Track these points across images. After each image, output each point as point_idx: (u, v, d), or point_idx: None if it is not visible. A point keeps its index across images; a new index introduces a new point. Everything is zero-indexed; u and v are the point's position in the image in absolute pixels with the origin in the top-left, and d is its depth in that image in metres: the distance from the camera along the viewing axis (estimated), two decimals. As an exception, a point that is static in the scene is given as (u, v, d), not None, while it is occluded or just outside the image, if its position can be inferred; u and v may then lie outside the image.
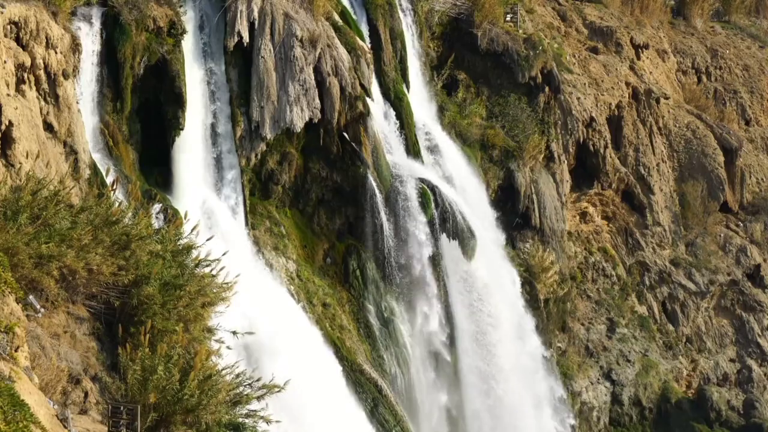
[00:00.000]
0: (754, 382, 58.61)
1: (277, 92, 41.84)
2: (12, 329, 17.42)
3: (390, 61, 47.69)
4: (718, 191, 62.26)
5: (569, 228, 55.62)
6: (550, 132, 53.62)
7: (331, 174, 44.09)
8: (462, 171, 49.40)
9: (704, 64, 69.56)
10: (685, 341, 58.76)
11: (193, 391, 19.82)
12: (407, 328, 44.99)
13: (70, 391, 19.89)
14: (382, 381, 42.36)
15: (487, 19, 52.98)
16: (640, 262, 58.78)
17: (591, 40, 62.34)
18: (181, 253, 23.79)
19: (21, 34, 32.45)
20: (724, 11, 76.40)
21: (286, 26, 42.21)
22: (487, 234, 48.17)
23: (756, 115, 69.66)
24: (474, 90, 53.44)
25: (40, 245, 20.68)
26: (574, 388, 52.93)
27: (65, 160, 33.58)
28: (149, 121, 39.37)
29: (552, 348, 52.27)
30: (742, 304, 60.79)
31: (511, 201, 51.47)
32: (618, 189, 58.56)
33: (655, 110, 61.33)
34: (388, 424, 41.61)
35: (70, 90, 34.64)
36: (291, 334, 38.22)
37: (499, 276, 49.07)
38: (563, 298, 53.76)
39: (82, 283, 21.69)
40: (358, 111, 43.69)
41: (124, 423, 18.99)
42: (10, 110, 30.51)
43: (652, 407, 55.47)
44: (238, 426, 21.14)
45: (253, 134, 41.78)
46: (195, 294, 22.45)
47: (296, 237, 43.69)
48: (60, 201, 22.33)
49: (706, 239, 61.26)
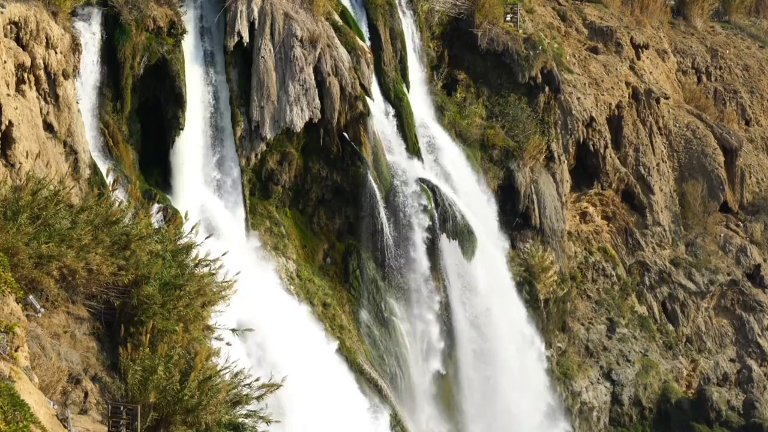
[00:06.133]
0: (754, 382, 58.58)
1: (277, 92, 41.84)
2: (12, 329, 17.42)
3: (390, 61, 47.69)
4: (718, 191, 62.25)
5: (569, 228, 55.61)
6: (550, 132, 53.62)
7: (331, 174, 44.08)
8: (462, 171, 49.38)
9: (704, 64, 69.55)
10: (685, 341, 58.74)
11: (193, 392, 19.82)
12: (407, 328, 44.99)
13: (70, 391, 19.88)
14: (382, 381, 42.37)
15: (487, 19, 52.98)
16: (640, 262, 58.77)
17: (591, 40, 62.33)
18: (180, 252, 23.78)
19: (21, 34, 32.45)
20: (724, 11, 76.38)
21: (286, 26, 42.21)
22: (486, 234, 48.15)
23: (756, 115, 69.64)
24: (474, 90, 53.43)
25: (40, 245, 20.67)
26: (574, 388, 52.91)
27: (65, 160, 33.57)
28: (149, 121, 39.37)
29: (552, 348, 52.27)
30: (742, 304, 60.76)
31: (511, 201, 51.46)
32: (618, 189, 58.55)
33: (655, 110, 61.32)
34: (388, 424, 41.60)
35: (70, 90, 34.62)
36: (291, 332, 38.25)
37: (499, 276, 49.06)
38: (563, 298, 53.74)
39: (82, 283, 21.67)
40: (358, 111, 43.69)
41: (124, 423, 18.98)
42: (10, 110, 30.50)
43: (652, 407, 55.44)
44: (238, 426, 21.14)
45: (253, 134, 41.78)
46: (195, 294, 22.43)
47: (296, 237, 43.69)
48: (60, 201, 22.32)
49: (706, 239, 61.25)
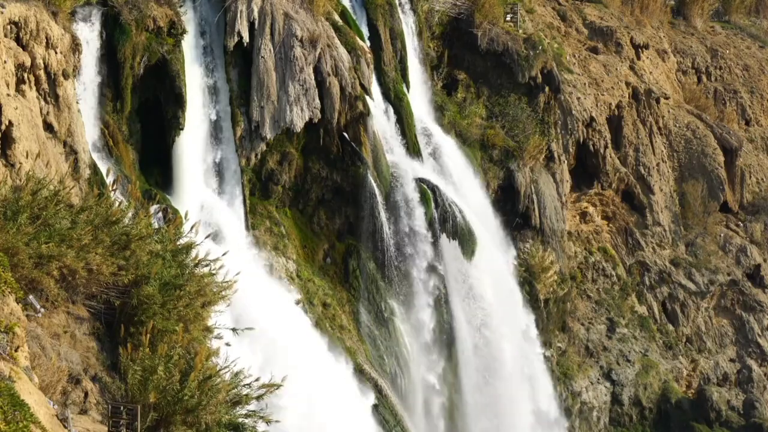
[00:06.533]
0: (754, 382, 58.58)
1: (277, 92, 41.83)
2: (12, 329, 17.41)
3: (390, 61, 47.69)
4: (718, 191, 62.25)
5: (569, 228, 55.61)
6: (550, 132, 53.61)
7: (331, 174, 44.07)
8: (462, 171, 49.39)
9: (704, 64, 69.55)
10: (685, 341, 58.74)
11: (193, 392, 19.81)
12: (407, 328, 44.99)
13: (70, 391, 19.88)
14: (382, 381, 42.36)
15: (487, 19, 52.98)
16: (640, 262, 58.77)
17: (591, 40, 62.33)
18: (180, 252, 23.78)
19: (21, 34, 32.44)
20: (724, 11, 76.38)
21: (286, 26, 42.20)
22: (486, 234, 48.15)
23: (756, 115, 69.64)
24: (474, 90, 53.43)
25: (40, 245, 20.66)
26: (574, 388, 52.91)
27: (65, 160, 33.57)
28: (149, 121, 39.36)
29: (552, 348, 52.26)
30: (742, 304, 60.76)
31: (511, 201, 51.46)
32: (618, 189, 58.55)
33: (655, 110, 61.32)
34: (388, 424, 41.60)
35: (70, 90, 34.62)
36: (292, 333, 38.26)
37: (499, 276, 49.05)
38: (563, 298, 53.75)
39: (82, 283, 21.66)
40: (358, 111, 43.68)
41: (124, 423, 18.98)
42: (10, 110, 30.50)
43: (652, 407, 55.44)
44: (238, 426, 21.13)
45: (253, 134, 41.78)
46: (195, 294, 22.42)
47: (296, 237, 43.68)
48: (60, 201, 22.31)
49: (706, 239, 61.25)
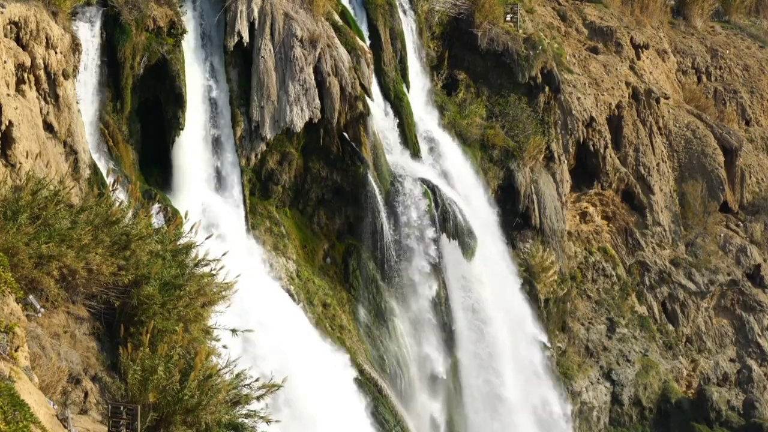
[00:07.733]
0: (754, 382, 58.58)
1: (277, 92, 41.83)
2: (12, 329, 17.40)
3: (390, 61, 47.69)
4: (718, 191, 62.25)
5: (569, 228, 55.60)
6: (550, 132, 53.60)
7: (331, 174, 44.07)
8: (462, 171, 49.39)
9: (704, 64, 69.54)
10: (685, 341, 58.74)
11: (193, 392, 19.80)
12: (407, 328, 44.98)
13: (70, 391, 19.87)
14: (382, 381, 42.36)
15: (487, 19, 52.98)
16: (640, 262, 58.77)
17: (591, 40, 62.32)
18: (180, 252, 23.76)
19: (21, 34, 32.44)
20: (724, 11, 76.37)
21: (286, 26, 42.20)
22: (487, 234, 48.14)
23: (756, 115, 69.63)
24: (474, 90, 53.43)
25: (40, 245, 20.65)
26: (574, 388, 52.90)
27: (65, 160, 33.56)
28: (149, 121, 39.36)
29: (552, 348, 52.25)
30: (742, 304, 60.76)
31: (511, 201, 51.46)
32: (618, 189, 58.55)
33: (655, 110, 61.31)
34: (388, 424, 41.59)
35: (70, 90, 34.61)
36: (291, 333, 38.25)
37: (499, 276, 49.04)
38: (563, 298, 53.75)
39: (82, 283, 21.65)
40: (358, 111, 43.68)
41: (124, 423, 18.97)
42: (10, 110, 30.50)
43: (652, 407, 55.45)
44: (238, 426, 21.12)
45: (253, 134, 41.77)
46: (195, 294, 22.41)
47: (296, 237, 43.67)
48: (60, 201, 22.30)
49: (706, 239, 61.24)
